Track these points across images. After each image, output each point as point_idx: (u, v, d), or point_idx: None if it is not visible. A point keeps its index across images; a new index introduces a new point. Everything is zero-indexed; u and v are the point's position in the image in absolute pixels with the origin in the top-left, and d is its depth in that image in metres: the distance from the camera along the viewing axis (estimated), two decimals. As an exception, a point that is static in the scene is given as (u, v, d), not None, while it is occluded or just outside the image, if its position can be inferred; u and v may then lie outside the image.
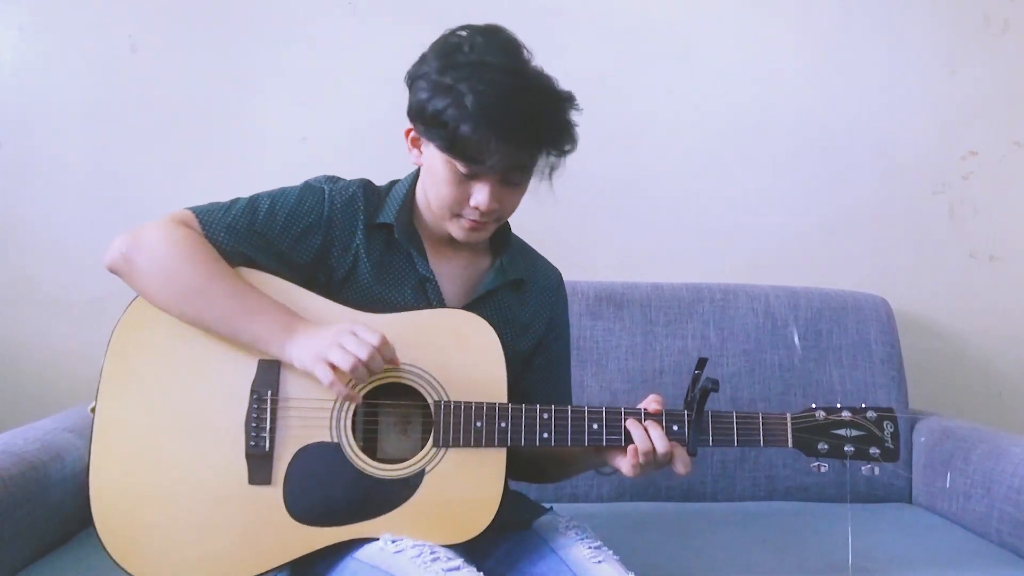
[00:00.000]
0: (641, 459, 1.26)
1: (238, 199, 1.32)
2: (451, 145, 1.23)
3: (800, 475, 1.99)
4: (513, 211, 1.35)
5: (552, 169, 1.31)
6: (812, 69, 2.33)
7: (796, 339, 2.02)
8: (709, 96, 2.31)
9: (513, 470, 1.42)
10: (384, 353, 1.21)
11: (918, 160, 2.36)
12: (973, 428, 1.93)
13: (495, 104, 1.20)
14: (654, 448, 1.25)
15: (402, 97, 1.37)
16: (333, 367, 1.19)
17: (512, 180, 1.29)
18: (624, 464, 1.27)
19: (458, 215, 1.30)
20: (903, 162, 2.35)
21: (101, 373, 1.25)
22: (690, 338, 2.01)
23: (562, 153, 1.29)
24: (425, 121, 1.25)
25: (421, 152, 1.32)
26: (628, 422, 1.27)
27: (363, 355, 1.19)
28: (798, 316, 2.06)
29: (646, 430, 1.26)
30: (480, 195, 1.27)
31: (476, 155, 1.23)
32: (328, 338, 1.21)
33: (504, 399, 1.27)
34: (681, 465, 1.27)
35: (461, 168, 1.25)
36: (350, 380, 1.21)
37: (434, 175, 1.29)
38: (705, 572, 1.52)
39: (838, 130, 2.34)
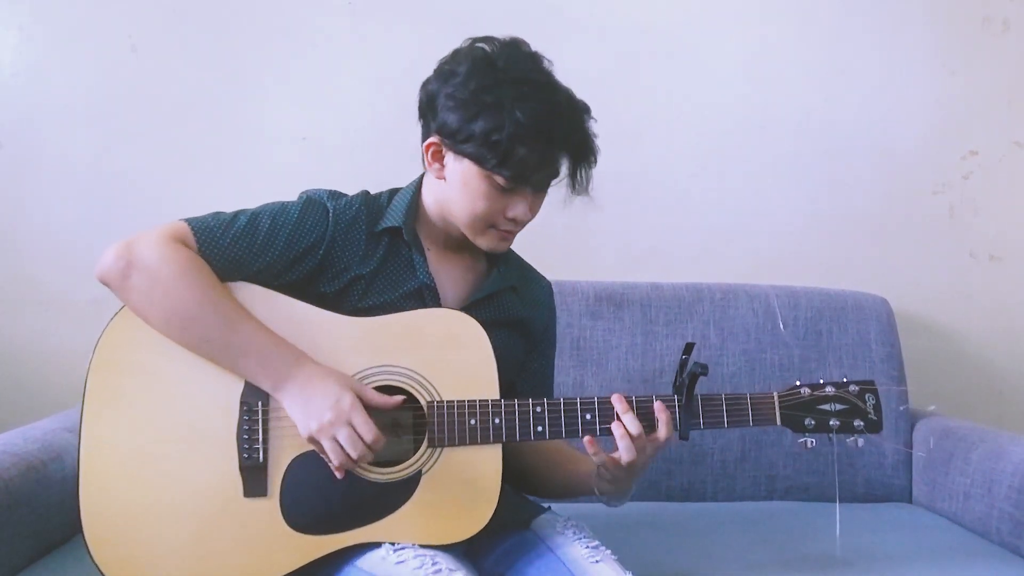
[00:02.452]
0: (633, 430, 1.25)
1: (239, 216, 1.29)
2: (502, 163, 1.24)
3: (800, 475, 1.99)
4: None
5: (588, 182, 1.33)
6: (812, 69, 2.33)
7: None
8: (709, 96, 2.31)
9: (518, 485, 1.42)
10: (375, 448, 1.21)
11: (918, 160, 2.36)
12: (973, 428, 1.93)
13: (548, 123, 1.23)
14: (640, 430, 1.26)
15: (402, 97, 1.37)
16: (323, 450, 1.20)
17: (545, 188, 1.31)
18: (621, 445, 1.26)
19: (491, 226, 1.31)
20: (903, 162, 2.35)
21: (84, 391, 1.24)
22: (690, 338, 2.01)
23: (591, 165, 1.32)
24: (465, 140, 1.25)
25: (444, 166, 1.31)
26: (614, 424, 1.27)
27: (355, 455, 1.20)
28: (798, 316, 2.06)
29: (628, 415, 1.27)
30: (519, 208, 1.29)
31: (528, 172, 1.25)
32: (324, 419, 1.19)
33: (496, 395, 1.27)
34: (664, 429, 1.27)
35: (502, 183, 1.26)
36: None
37: (468, 190, 1.28)
38: (705, 572, 1.52)
39: (838, 130, 2.34)
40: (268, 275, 1.28)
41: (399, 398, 1.25)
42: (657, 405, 1.28)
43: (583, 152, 1.30)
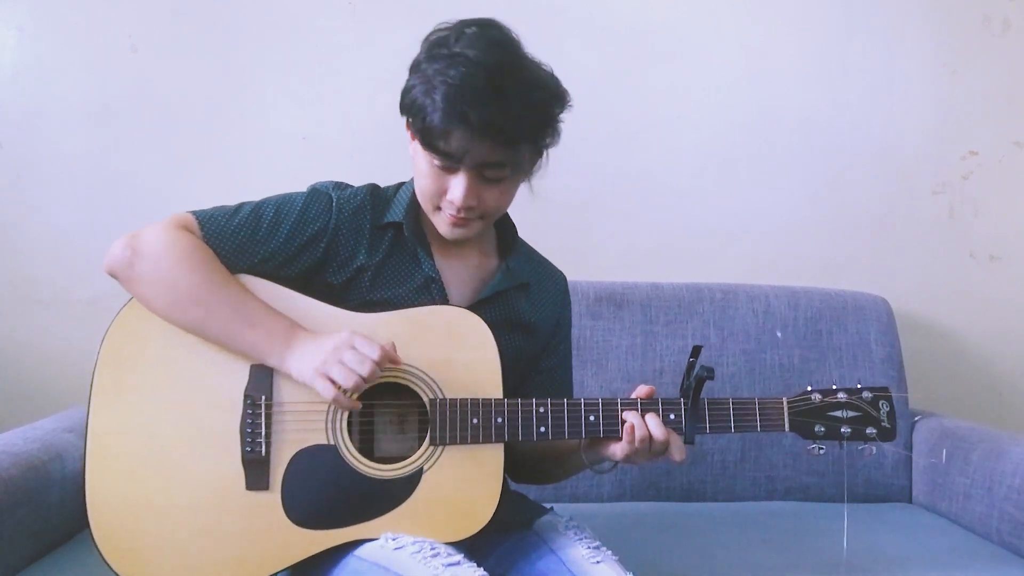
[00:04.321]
0: (637, 444, 1.25)
1: (243, 205, 1.30)
2: (422, 135, 1.24)
3: (800, 475, 1.99)
4: (499, 209, 1.33)
5: (534, 167, 1.30)
6: (812, 69, 2.33)
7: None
8: (709, 96, 2.31)
9: (511, 473, 1.42)
10: (383, 364, 1.20)
11: (918, 160, 2.36)
12: (973, 428, 1.93)
13: (460, 95, 1.19)
14: (650, 435, 1.25)
15: (401, 97, 1.37)
16: (333, 382, 1.20)
17: (488, 176, 1.26)
18: (618, 449, 1.27)
19: (439, 208, 1.30)
20: (903, 162, 2.35)
21: (91, 384, 1.24)
22: (690, 338, 2.01)
23: (538, 150, 1.28)
24: (404, 110, 1.26)
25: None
26: (625, 413, 1.27)
27: (364, 372, 1.19)
28: (798, 316, 2.06)
29: (643, 418, 1.26)
30: (456, 190, 1.26)
31: (444, 147, 1.22)
32: (327, 351, 1.20)
33: (500, 395, 1.27)
34: (677, 452, 1.27)
35: (435, 161, 1.25)
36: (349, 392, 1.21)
37: (416, 166, 1.29)
38: (705, 572, 1.52)
39: (838, 130, 2.34)
40: (272, 265, 1.29)
41: (397, 356, 1.24)
42: (654, 423, 1.26)
43: (519, 135, 1.23)
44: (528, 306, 1.42)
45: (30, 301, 2.18)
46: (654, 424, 1.26)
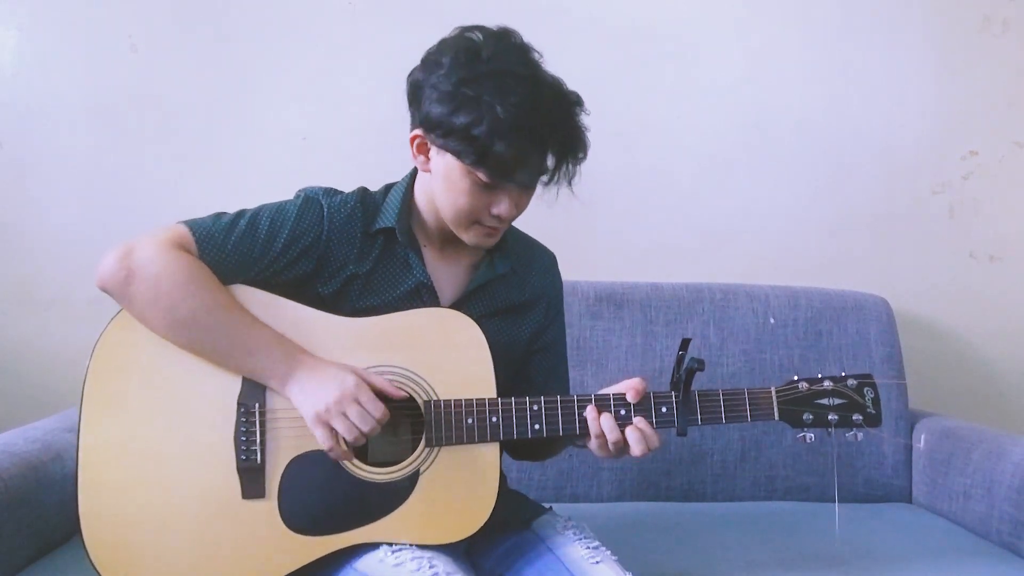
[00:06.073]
0: (593, 441, 1.27)
1: (238, 219, 1.28)
2: (481, 159, 1.22)
3: (800, 475, 1.99)
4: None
5: (571, 177, 1.30)
6: (812, 69, 2.33)
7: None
8: (709, 96, 2.31)
9: (509, 450, 1.42)
10: (383, 421, 1.22)
11: (918, 160, 2.36)
12: (973, 428, 1.93)
13: (529, 119, 1.19)
14: (604, 435, 1.26)
15: (402, 97, 1.37)
16: (334, 431, 1.20)
17: (531, 185, 1.28)
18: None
19: (476, 222, 1.30)
20: (903, 162, 2.35)
21: (82, 394, 1.24)
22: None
23: (578, 160, 1.29)
24: (446, 134, 1.23)
25: (429, 159, 1.30)
26: (587, 410, 1.28)
27: (366, 428, 1.20)
28: (798, 316, 2.06)
29: (598, 420, 1.27)
30: (503, 205, 1.26)
31: (508, 169, 1.22)
32: (331, 398, 1.20)
33: (493, 394, 1.27)
34: (637, 448, 1.26)
35: (485, 179, 1.24)
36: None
37: (451, 185, 1.27)
38: (705, 572, 1.52)
39: (838, 130, 2.34)
40: (267, 275, 1.28)
41: (403, 393, 1.25)
42: (608, 425, 1.27)
43: (567, 148, 1.26)
44: (518, 290, 1.42)
45: (30, 301, 2.18)
46: (608, 428, 1.26)
